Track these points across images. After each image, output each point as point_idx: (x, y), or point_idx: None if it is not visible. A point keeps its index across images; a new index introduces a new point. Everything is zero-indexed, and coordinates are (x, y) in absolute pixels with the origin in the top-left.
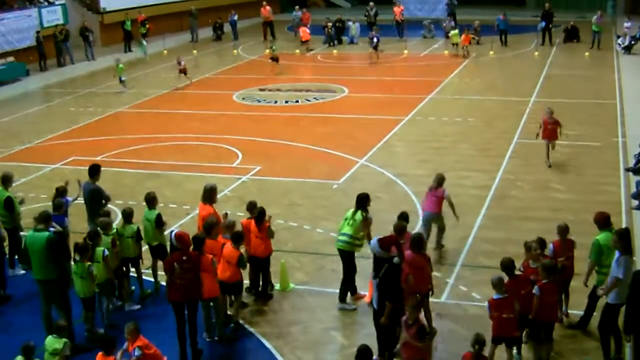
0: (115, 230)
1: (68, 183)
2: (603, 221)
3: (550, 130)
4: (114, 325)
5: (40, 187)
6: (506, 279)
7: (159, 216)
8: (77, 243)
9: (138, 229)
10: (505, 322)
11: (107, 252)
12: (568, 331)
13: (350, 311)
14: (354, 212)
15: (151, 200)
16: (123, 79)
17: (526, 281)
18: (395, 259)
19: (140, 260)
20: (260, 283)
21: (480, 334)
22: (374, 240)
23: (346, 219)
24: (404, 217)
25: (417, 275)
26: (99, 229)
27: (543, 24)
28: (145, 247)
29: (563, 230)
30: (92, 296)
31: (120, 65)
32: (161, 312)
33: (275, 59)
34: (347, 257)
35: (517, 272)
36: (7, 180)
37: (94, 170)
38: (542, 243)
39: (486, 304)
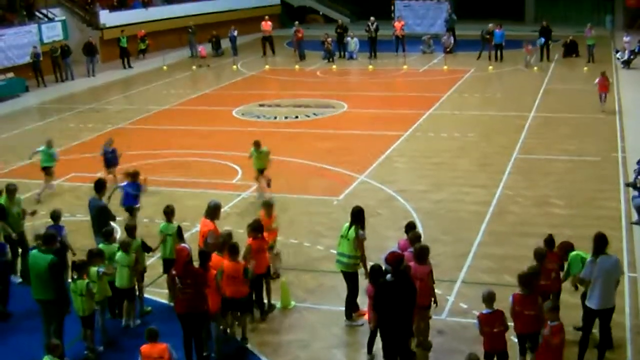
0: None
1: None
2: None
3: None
4: (113, 342)
5: (40, 203)
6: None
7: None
8: (75, 261)
9: (143, 242)
10: (496, 336)
11: (102, 271)
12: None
13: (355, 328)
14: (348, 228)
15: (169, 214)
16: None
17: (535, 300)
18: (388, 276)
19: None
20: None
21: (472, 353)
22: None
23: (342, 236)
24: (413, 226)
25: (419, 287)
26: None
27: (542, 40)
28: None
29: (549, 243)
30: (92, 314)
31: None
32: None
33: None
34: (350, 277)
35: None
36: (9, 191)
37: (100, 186)
38: (550, 242)
39: (476, 320)
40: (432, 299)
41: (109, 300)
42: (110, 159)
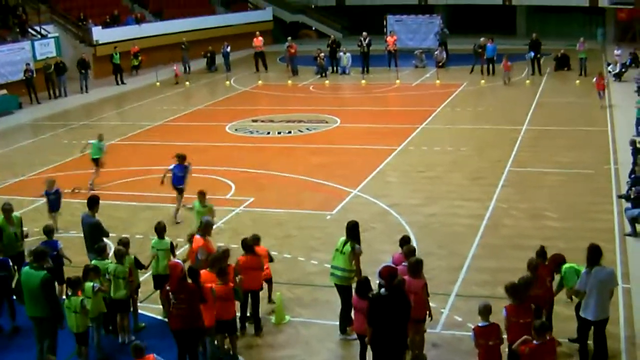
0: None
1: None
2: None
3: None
4: (108, 359)
5: (33, 220)
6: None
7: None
8: (69, 277)
9: (135, 259)
10: (491, 349)
11: (97, 287)
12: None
13: (349, 342)
14: (344, 243)
15: (161, 230)
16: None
17: (528, 309)
18: (383, 290)
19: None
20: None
21: None
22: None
23: (337, 250)
24: (408, 240)
25: (413, 301)
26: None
27: (532, 54)
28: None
29: (541, 255)
30: (86, 330)
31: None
32: (165, 342)
33: None
34: (344, 291)
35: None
36: (5, 210)
37: (93, 202)
38: (542, 254)
39: (471, 332)
40: (427, 312)
41: (103, 316)
42: (53, 201)
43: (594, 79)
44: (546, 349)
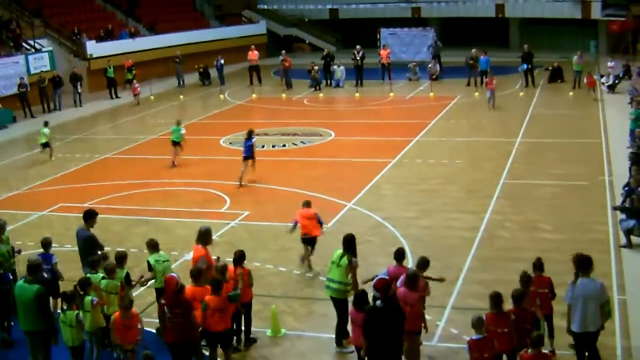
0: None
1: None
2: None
3: None
4: None
5: (27, 234)
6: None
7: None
8: (65, 292)
9: (127, 275)
10: None
11: (96, 300)
12: None
13: (345, 355)
14: (341, 256)
15: (154, 246)
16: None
17: (506, 319)
18: (378, 302)
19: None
20: (243, 328)
21: None
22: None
23: (333, 262)
24: (402, 253)
25: (408, 313)
26: (99, 273)
27: (524, 66)
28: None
29: (538, 267)
30: (81, 345)
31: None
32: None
33: None
34: (340, 303)
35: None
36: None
37: (89, 216)
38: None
39: (466, 345)
40: (423, 324)
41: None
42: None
43: (585, 79)
44: None
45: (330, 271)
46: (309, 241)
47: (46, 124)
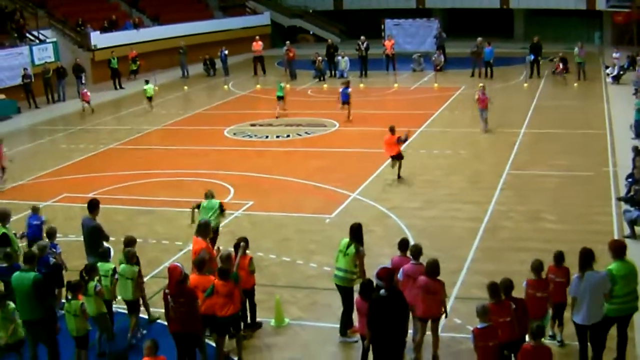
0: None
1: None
2: (618, 250)
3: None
4: (105, 353)
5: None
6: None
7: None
8: (69, 281)
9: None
10: (490, 351)
11: (99, 287)
12: None
13: (349, 344)
14: (348, 245)
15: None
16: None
17: (507, 308)
18: (382, 291)
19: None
20: (248, 314)
21: None
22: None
23: (340, 251)
24: (407, 243)
25: (431, 300)
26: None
27: (532, 56)
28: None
29: (558, 257)
30: (86, 334)
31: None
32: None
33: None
34: (345, 292)
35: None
36: (4, 217)
37: (93, 206)
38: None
39: (470, 334)
40: (443, 309)
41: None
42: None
43: (555, 62)
44: (541, 352)
45: (338, 260)
46: (395, 157)
47: (147, 82)
